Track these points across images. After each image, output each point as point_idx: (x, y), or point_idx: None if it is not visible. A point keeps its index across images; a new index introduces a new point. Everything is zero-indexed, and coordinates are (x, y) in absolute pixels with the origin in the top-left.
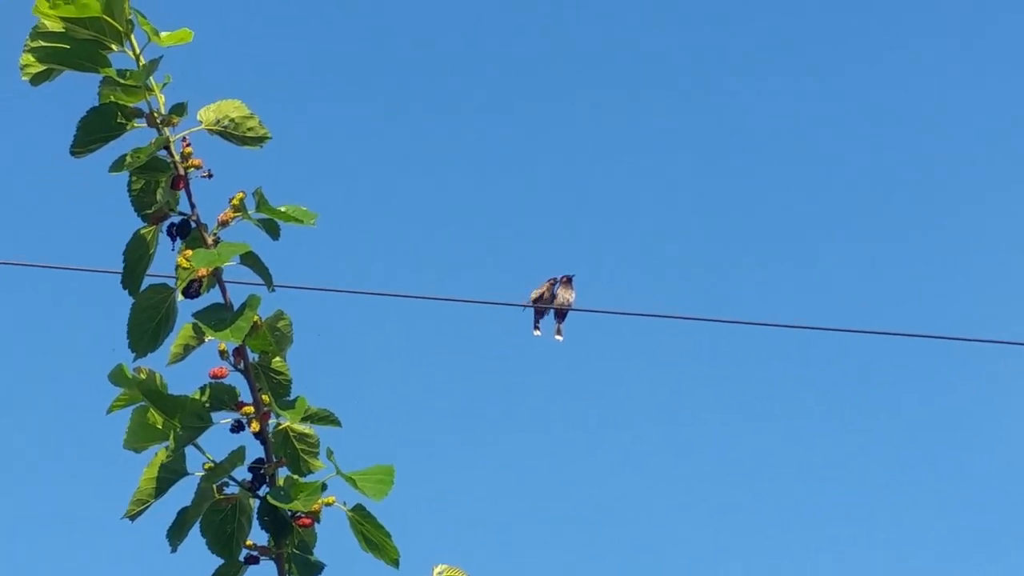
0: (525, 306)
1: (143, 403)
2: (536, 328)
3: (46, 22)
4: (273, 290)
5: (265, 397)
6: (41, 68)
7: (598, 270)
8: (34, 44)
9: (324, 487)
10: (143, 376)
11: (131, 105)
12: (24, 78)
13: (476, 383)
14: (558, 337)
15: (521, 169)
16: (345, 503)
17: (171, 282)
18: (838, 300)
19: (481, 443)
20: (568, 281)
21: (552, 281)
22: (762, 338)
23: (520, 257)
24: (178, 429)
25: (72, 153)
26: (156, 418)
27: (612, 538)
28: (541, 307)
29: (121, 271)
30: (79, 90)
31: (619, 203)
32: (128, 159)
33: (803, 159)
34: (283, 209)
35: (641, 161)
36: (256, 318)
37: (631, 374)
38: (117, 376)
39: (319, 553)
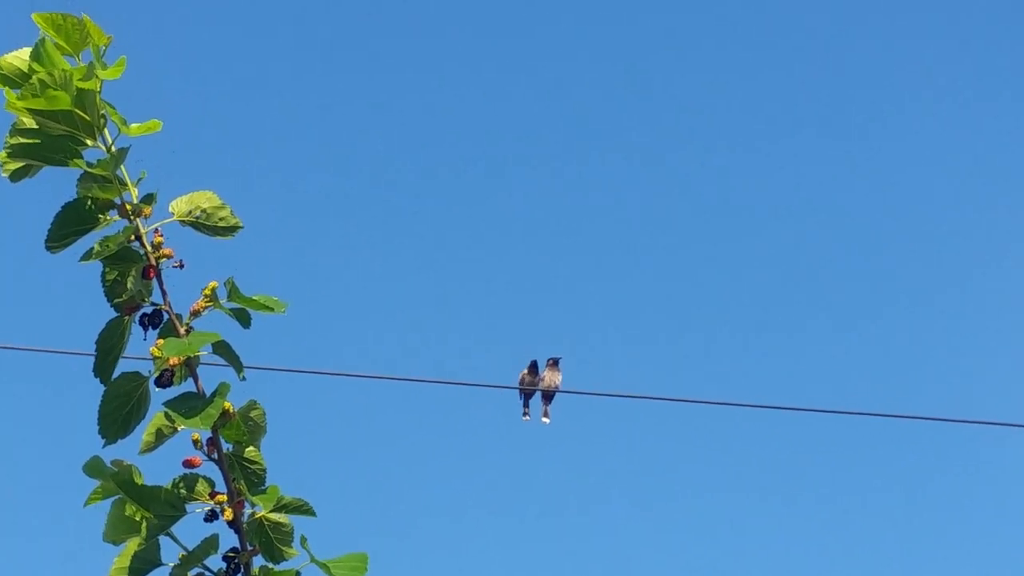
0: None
1: (120, 495)
2: (525, 413)
3: (24, 119)
4: (244, 378)
5: (239, 486)
6: (18, 164)
7: (586, 352)
8: (12, 140)
9: (298, 575)
10: (118, 468)
11: (105, 197)
12: (3, 174)
13: (461, 467)
14: (545, 420)
15: (509, 250)
16: None
17: (144, 369)
18: (824, 382)
19: (464, 528)
20: (555, 363)
21: (533, 363)
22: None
23: (507, 340)
24: (152, 519)
25: (48, 248)
26: (133, 510)
27: None
28: (526, 389)
29: (93, 359)
30: (61, 187)
31: (608, 286)
32: (97, 248)
33: (795, 237)
34: (254, 298)
35: (627, 244)
36: (227, 405)
37: (619, 455)
38: (93, 468)
39: None
